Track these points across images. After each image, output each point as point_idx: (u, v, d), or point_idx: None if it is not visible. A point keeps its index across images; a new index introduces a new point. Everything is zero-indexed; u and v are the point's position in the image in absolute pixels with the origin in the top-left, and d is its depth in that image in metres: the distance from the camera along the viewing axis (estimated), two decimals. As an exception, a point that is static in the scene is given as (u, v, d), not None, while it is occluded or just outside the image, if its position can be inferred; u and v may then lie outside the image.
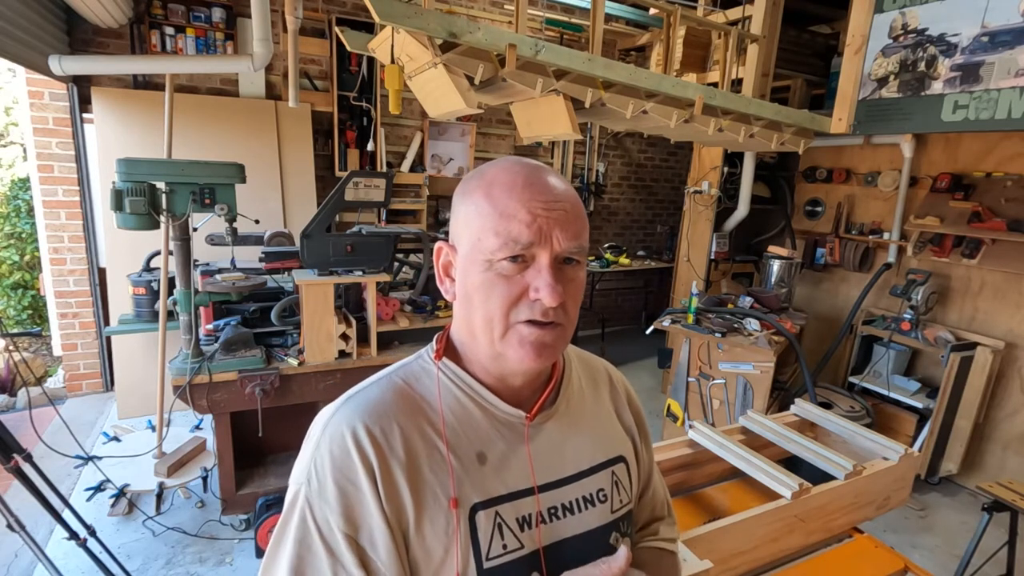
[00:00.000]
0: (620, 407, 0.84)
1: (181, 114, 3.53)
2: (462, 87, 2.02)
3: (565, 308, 0.64)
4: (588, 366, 0.84)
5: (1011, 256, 3.11)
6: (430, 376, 0.70)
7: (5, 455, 1.83)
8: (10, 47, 2.78)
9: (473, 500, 0.64)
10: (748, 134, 2.91)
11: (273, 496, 2.52)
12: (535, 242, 0.61)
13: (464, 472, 0.65)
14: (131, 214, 2.21)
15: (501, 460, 0.67)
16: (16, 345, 4.24)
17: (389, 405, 0.66)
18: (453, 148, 4.98)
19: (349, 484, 0.60)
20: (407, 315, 2.88)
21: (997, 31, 2.46)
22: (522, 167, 0.65)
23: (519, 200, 0.62)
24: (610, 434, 0.79)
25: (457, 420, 0.67)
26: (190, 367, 2.34)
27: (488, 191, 0.63)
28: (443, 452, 0.65)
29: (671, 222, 6.39)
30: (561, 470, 0.71)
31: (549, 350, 0.63)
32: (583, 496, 0.71)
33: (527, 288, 0.62)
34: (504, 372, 0.68)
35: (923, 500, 3.26)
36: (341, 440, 0.62)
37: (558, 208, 0.62)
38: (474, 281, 0.64)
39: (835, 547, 1.46)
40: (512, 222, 0.61)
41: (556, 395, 0.74)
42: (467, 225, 0.65)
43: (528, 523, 0.66)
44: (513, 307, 0.62)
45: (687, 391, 3.44)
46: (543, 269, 0.61)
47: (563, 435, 0.73)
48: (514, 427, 0.70)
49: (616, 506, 0.74)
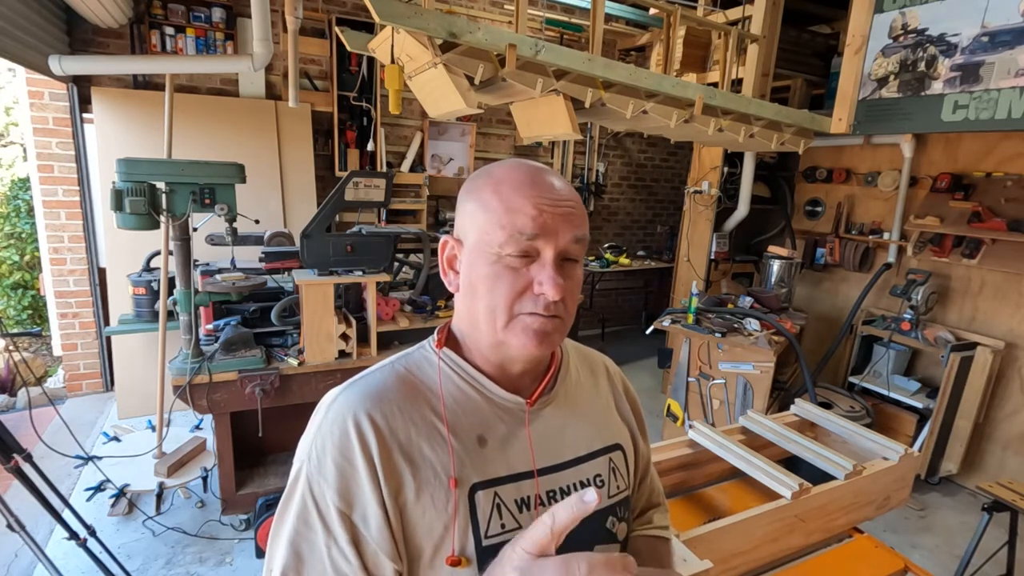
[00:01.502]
0: (618, 398, 0.87)
1: (181, 114, 3.53)
2: (462, 87, 2.02)
3: (565, 303, 0.66)
4: (586, 358, 0.87)
5: (1011, 256, 3.11)
6: (431, 364, 0.72)
7: (5, 455, 1.83)
8: (10, 47, 2.78)
9: (473, 480, 0.66)
10: (748, 134, 2.91)
11: (273, 496, 2.52)
12: (540, 235, 0.64)
13: (465, 453, 0.67)
14: (131, 214, 2.21)
15: (501, 443, 0.70)
16: (16, 345, 4.25)
17: (391, 390, 0.68)
18: (453, 148, 4.98)
19: (346, 463, 0.63)
20: (407, 315, 2.88)
21: (997, 31, 2.46)
22: (528, 167, 0.68)
23: (526, 197, 0.64)
24: (607, 423, 0.82)
25: (459, 405, 0.70)
26: (190, 367, 2.34)
27: (496, 188, 0.66)
28: (444, 434, 0.67)
29: (671, 222, 6.39)
30: (559, 455, 0.73)
31: (549, 339, 0.66)
32: (580, 481, 0.74)
33: (531, 282, 0.65)
34: (504, 359, 0.71)
35: (923, 500, 3.26)
36: (342, 422, 0.64)
37: (563, 206, 0.65)
38: (480, 272, 0.66)
39: (835, 547, 1.46)
40: (519, 216, 0.64)
41: (554, 384, 0.77)
42: (474, 219, 0.67)
43: (527, 505, 0.68)
44: (517, 299, 0.65)
45: (687, 391, 3.44)
46: (547, 264, 0.64)
47: (561, 421, 0.75)
48: (514, 413, 0.72)
49: (613, 492, 0.77)
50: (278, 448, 2.92)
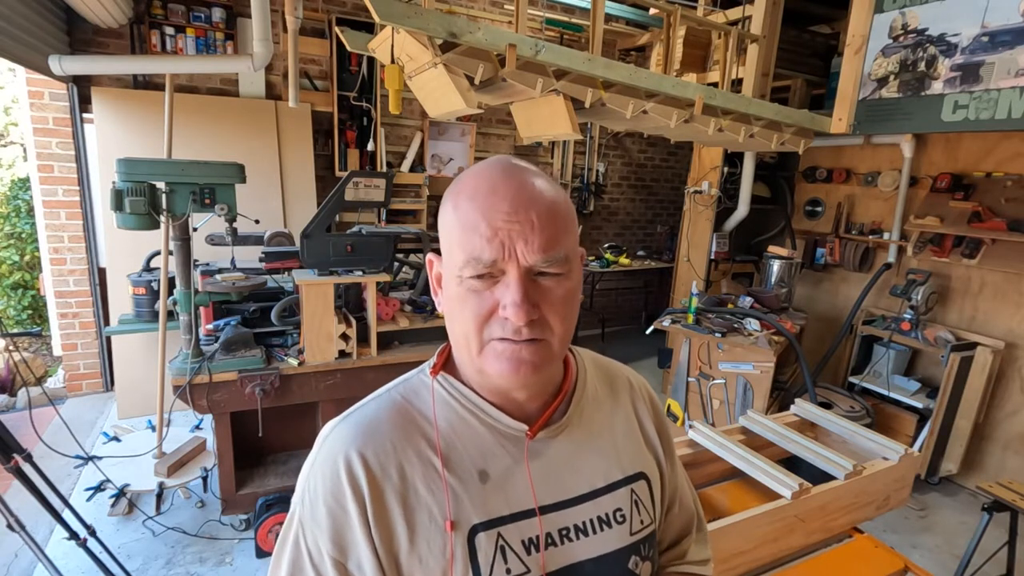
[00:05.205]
0: (642, 418, 0.77)
1: (181, 114, 3.53)
2: (462, 87, 2.02)
3: (545, 323, 0.59)
4: (606, 373, 0.78)
5: (1011, 256, 3.10)
6: (428, 390, 0.67)
7: (5, 455, 1.83)
8: (10, 47, 2.78)
9: (473, 521, 0.61)
10: (748, 134, 2.91)
11: (273, 496, 2.52)
12: (499, 258, 0.56)
13: (464, 491, 0.62)
14: (131, 214, 2.21)
15: (505, 477, 0.64)
16: (16, 345, 4.25)
17: (384, 424, 0.64)
18: (453, 148, 4.98)
19: (338, 508, 0.60)
20: (407, 315, 2.88)
21: (997, 31, 2.46)
22: (492, 172, 0.60)
23: (481, 211, 0.57)
24: (630, 449, 0.73)
25: (457, 436, 0.64)
26: (190, 367, 2.34)
27: (456, 201, 0.60)
28: (439, 470, 0.62)
29: (671, 222, 6.39)
30: (572, 488, 0.66)
31: (528, 366, 0.59)
32: (598, 516, 0.67)
33: (498, 304, 0.58)
34: (494, 387, 0.65)
35: (923, 500, 3.26)
36: (333, 464, 0.61)
37: (522, 219, 0.56)
38: (448, 295, 0.61)
39: (835, 547, 1.46)
40: (474, 236, 0.57)
41: (567, 406, 0.70)
42: (443, 236, 0.62)
43: (536, 545, 0.63)
44: (485, 324, 0.58)
45: (687, 391, 3.44)
46: (511, 284, 0.57)
47: (575, 450, 0.68)
48: (518, 442, 0.65)
49: (636, 527, 0.69)
50: (278, 448, 2.92)
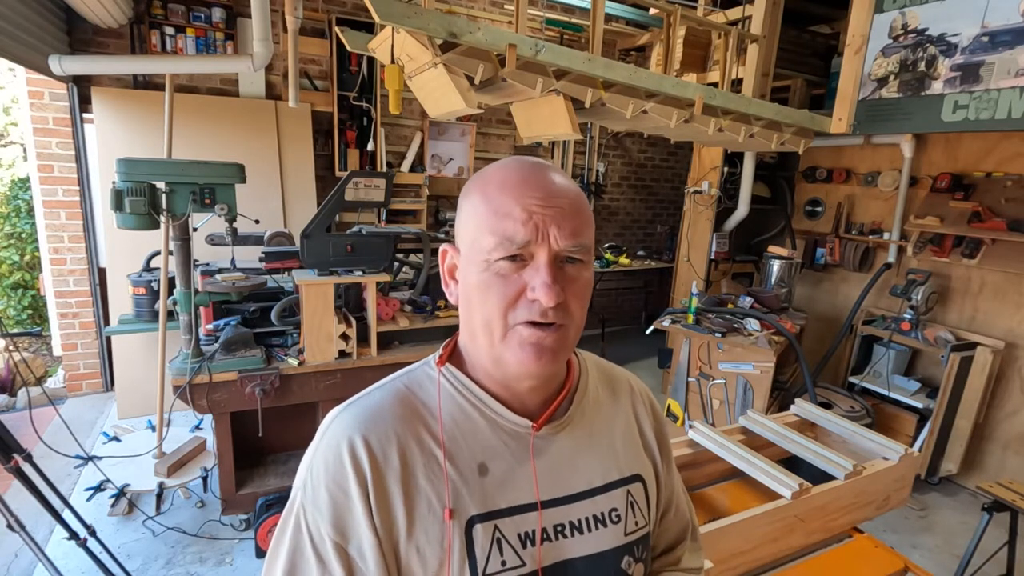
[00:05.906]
0: (642, 422, 0.79)
1: (181, 114, 3.53)
2: (462, 87, 2.02)
3: (568, 308, 0.61)
4: (608, 376, 0.80)
5: (1011, 256, 3.10)
6: (433, 382, 0.68)
7: (5, 455, 1.83)
8: (10, 47, 2.78)
9: (471, 512, 0.62)
10: (748, 134, 2.91)
11: (273, 496, 2.52)
12: (532, 240, 0.59)
13: (463, 483, 0.63)
14: (131, 214, 2.21)
15: (504, 473, 0.65)
16: (16, 345, 4.25)
17: (387, 412, 0.65)
18: (453, 148, 4.98)
19: (340, 492, 0.60)
20: (407, 315, 2.88)
21: (997, 31, 2.46)
22: (520, 165, 0.64)
23: (514, 197, 0.60)
24: (628, 451, 0.75)
25: (459, 428, 0.65)
26: (190, 367, 2.34)
27: (484, 189, 0.62)
28: (440, 461, 0.63)
29: (671, 222, 6.39)
30: (570, 485, 0.68)
31: (549, 353, 0.61)
32: (594, 515, 0.68)
33: (525, 288, 0.59)
34: (506, 377, 0.66)
35: (923, 500, 3.26)
36: (336, 449, 0.62)
37: (555, 205, 0.60)
38: (472, 282, 0.62)
39: (835, 547, 1.46)
40: (507, 220, 0.59)
41: (569, 405, 0.71)
42: (465, 225, 0.64)
43: (531, 540, 0.64)
44: (511, 308, 0.60)
45: (687, 391, 3.44)
46: (541, 267, 0.59)
47: (575, 448, 0.69)
48: (520, 438, 0.67)
49: (630, 528, 0.70)
50: (278, 448, 2.92)
